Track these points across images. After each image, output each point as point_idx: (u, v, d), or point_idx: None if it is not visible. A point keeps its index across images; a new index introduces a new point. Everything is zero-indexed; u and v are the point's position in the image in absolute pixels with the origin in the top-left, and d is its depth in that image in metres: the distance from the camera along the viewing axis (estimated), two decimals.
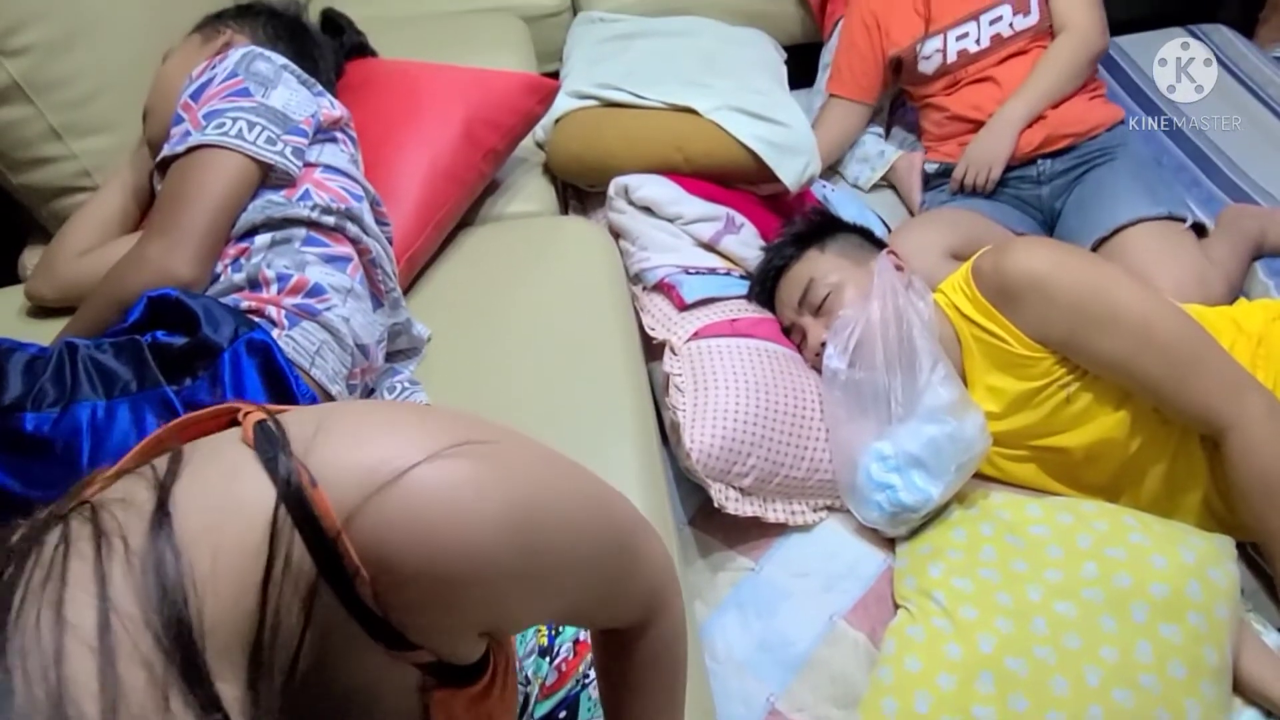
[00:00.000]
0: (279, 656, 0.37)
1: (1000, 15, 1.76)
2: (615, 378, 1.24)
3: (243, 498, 0.38)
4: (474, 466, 0.41)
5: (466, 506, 0.40)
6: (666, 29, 1.91)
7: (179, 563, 0.35)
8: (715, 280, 1.40)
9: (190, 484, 0.38)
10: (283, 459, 0.38)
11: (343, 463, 0.39)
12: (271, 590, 0.37)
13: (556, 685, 0.83)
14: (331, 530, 0.38)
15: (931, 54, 1.81)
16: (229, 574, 0.36)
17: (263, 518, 0.37)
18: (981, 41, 1.78)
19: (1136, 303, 1.19)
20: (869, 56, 1.86)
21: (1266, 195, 1.76)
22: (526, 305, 1.32)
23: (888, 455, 1.20)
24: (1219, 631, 1.09)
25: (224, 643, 0.35)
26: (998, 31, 1.77)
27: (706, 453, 1.18)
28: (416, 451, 0.40)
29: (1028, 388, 1.24)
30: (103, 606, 0.33)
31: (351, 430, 0.41)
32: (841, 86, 1.90)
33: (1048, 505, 1.20)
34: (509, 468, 0.44)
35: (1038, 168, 1.75)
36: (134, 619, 0.34)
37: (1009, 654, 1.07)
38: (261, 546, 0.37)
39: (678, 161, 1.53)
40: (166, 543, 0.35)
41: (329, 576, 0.38)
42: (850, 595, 1.18)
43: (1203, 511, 1.24)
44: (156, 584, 0.34)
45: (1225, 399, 1.15)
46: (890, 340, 1.24)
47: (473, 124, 1.40)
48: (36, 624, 0.32)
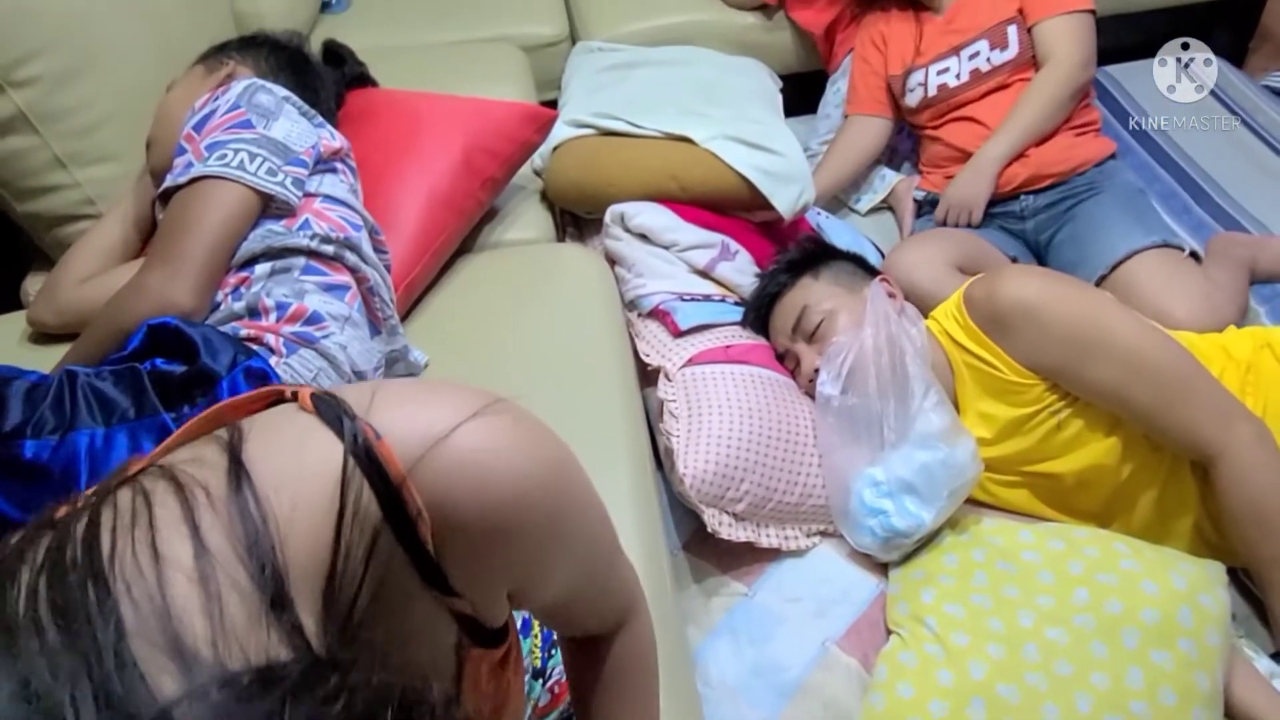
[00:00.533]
0: (345, 595, 0.40)
1: (978, 51, 1.79)
2: (610, 404, 1.25)
3: (313, 452, 0.41)
4: (514, 423, 0.47)
5: (511, 458, 0.45)
6: (663, 59, 1.94)
7: (261, 506, 0.38)
8: (710, 307, 1.41)
9: (258, 445, 0.41)
10: (346, 419, 0.42)
11: (402, 420, 0.43)
12: (343, 533, 0.40)
13: (550, 706, 0.84)
14: (397, 477, 0.41)
15: (915, 87, 1.85)
16: (305, 518, 0.39)
17: (333, 468, 0.40)
18: (961, 76, 1.80)
19: (1127, 331, 1.21)
20: (881, 73, 1.91)
21: (1256, 223, 1.78)
22: (523, 331, 1.33)
23: (880, 481, 1.21)
24: (1210, 658, 1.09)
25: (300, 580, 0.38)
26: (975, 66, 1.80)
27: (700, 478, 1.19)
28: (465, 409, 0.44)
29: (1019, 414, 1.25)
30: (196, 541, 0.36)
31: (404, 396, 0.45)
32: (859, 104, 1.94)
33: (1039, 531, 1.21)
34: (539, 428, 0.49)
35: (1020, 203, 1.77)
36: (226, 555, 0.37)
37: (1000, 680, 1.07)
38: (333, 494, 0.40)
39: (674, 189, 1.55)
40: (248, 489, 0.39)
41: (393, 521, 0.41)
42: (843, 621, 1.19)
43: (1194, 537, 1.25)
44: (243, 525, 0.37)
45: (1215, 426, 1.16)
46: (883, 367, 1.25)
47: (471, 152, 1.42)
48: (134, 558, 0.35)
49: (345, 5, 2.18)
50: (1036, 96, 1.73)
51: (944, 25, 1.85)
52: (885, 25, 1.92)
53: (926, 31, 1.86)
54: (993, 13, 1.80)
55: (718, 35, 2.12)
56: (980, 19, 1.81)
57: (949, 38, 1.82)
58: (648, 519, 1.14)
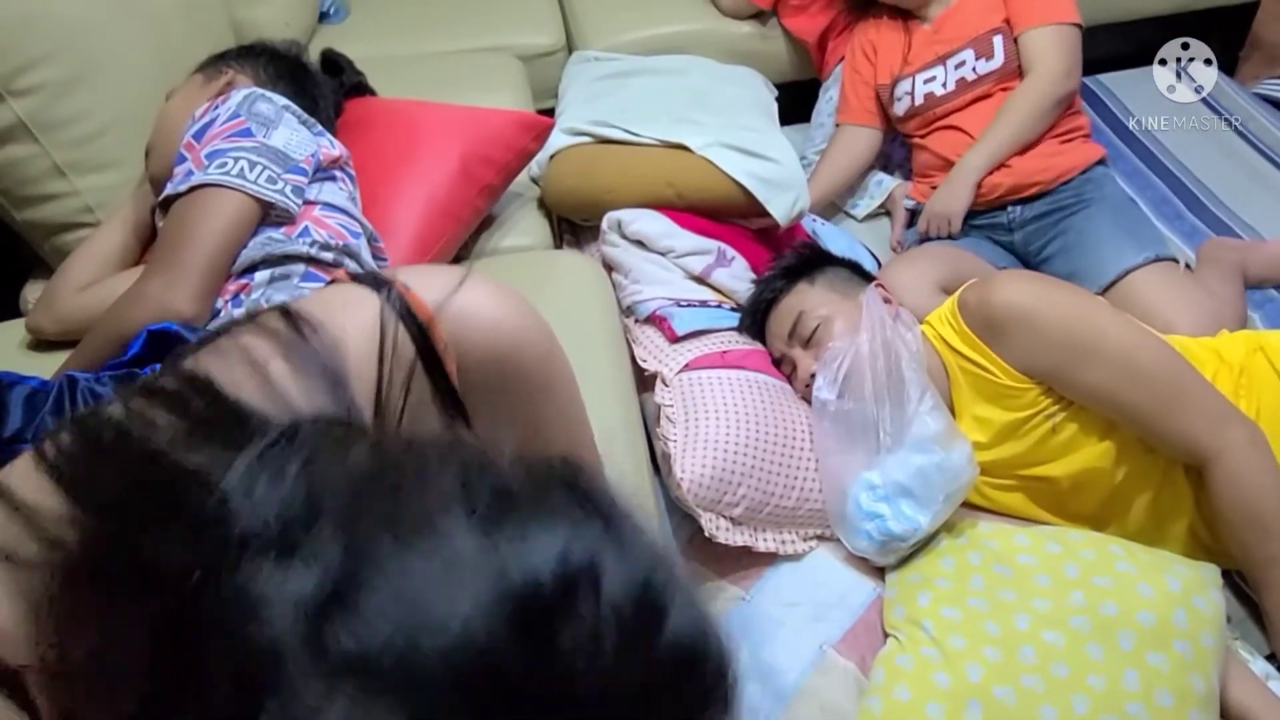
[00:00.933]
0: (390, 417, 0.47)
1: (964, 60, 1.80)
2: (607, 408, 1.26)
3: (354, 302, 0.50)
4: (502, 285, 0.57)
5: (509, 302, 0.56)
6: (659, 67, 1.95)
7: (323, 337, 0.45)
8: (706, 313, 1.42)
9: (308, 304, 0.49)
10: (377, 278, 0.51)
11: (423, 278, 0.53)
12: (384, 365, 0.48)
13: None
14: (425, 317, 0.50)
15: (902, 95, 1.86)
16: (355, 351, 0.47)
17: (373, 312, 0.49)
18: (948, 85, 1.81)
19: (1120, 335, 1.22)
20: (871, 82, 1.92)
21: (1248, 229, 1.80)
22: None
23: (877, 485, 1.22)
24: (1205, 659, 1.10)
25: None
26: (962, 75, 1.80)
27: (697, 482, 1.20)
28: (466, 272, 0.55)
29: (1014, 418, 1.26)
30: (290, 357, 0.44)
31: (421, 268, 0.56)
32: (849, 114, 1.95)
33: (1035, 534, 1.22)
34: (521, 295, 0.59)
35: (1007, 214, 1.77)
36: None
37: (997, 683, 1.08)
38: (374, 332, 0.48)
39: (670, 197, 1.56)
40: (308, 328, 0.46)
41: (423, 356, 0.50)
42: (840, 624, 1.19)
43: (1189, 540, 1.26)
44: (314, 353, 0.45)
45: (1209, 429, 1.17)
46: (879, 372, 1.26)
47: (469, 160, 1.43)
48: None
49: (343, 15, 2.19)
50: (1016, 106, 1.73)
51: (931, 35, 1.85)
52: (875, 34, 1.93)
53: (915, 41, 1.86)
54: (979, 22, 1.81)
55: (713, 44, 2.13)
56: (967, 29, 1.81)
57: (936, 47, 1.83)
58: (647, 525, 1.15)
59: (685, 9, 2.23)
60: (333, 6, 2.17)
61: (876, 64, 1.91)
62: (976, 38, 1.79)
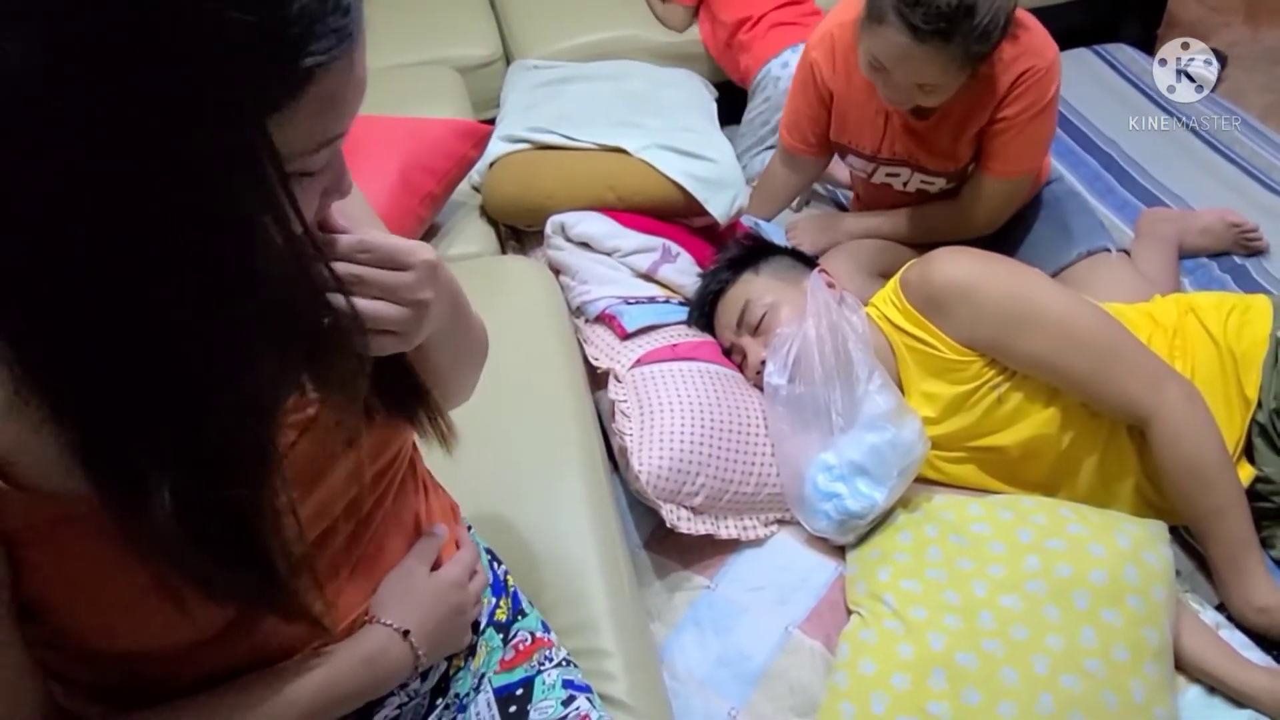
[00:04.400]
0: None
1: (933, 182, 1.66)
2: (561, 408, 1.27)
3: None
4: None
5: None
6: (598, 73, 1.97)
7: None
8: (655, 308, 1.43)
9: None
10: None
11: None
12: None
13: (513, 662, 0.89)
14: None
15: (859, 166, 1.70)
16: None
17: None
18: (909, 187, 1.69)
19: (1057, 303, 1.25)
20: (824, 127, 1.69)
21: (1175, 197, 1.86)
22: None
23: (832, 465, 1.24)
24: (1157, 613, 1.12)
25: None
26: (924, 189, 1.69)
27: (655, 474, 1.21)
28: None
29: (960, 391, 1.28)
30: None
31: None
32: (796, 145, 1.74)
33: (988, 503, 1.24)
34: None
35: None
36: None
37: (959, 649, 1.09)
38: None
39: (611, 200, 1.58)
40: None
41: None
42: (804, 605, 1.20)
43: (1136, 499, 1.29)
44: None
45: (1146, 390, 1.21)
46: (827, 354, 1.28)
47: (408, 170, 1.44)
48: None
49: None
50: (931, 222, 1.67)
51: (911, 139, 1.59)
52: (845, 87, 1.60)
53: (891, 131, 1.60)
54: (962, 153, 1.59)
55: (651, 49, 2.16)
56: (948, 159, 1.60)
57: (912, 153, 1.61)
58: (603, 520, 1.15)
59: (620, 14, 2.26)
60: None
61: (833, 119, 1.67)
62: (955, 171, 1.62)
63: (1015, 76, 1.46)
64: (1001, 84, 1.47)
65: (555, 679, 0.90)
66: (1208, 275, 1.68)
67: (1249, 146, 1.96)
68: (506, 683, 0.87)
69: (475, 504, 1.01)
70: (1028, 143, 1.53)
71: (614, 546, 1.13)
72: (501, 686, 0.87)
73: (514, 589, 0.96)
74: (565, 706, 0.88)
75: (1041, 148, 1.59)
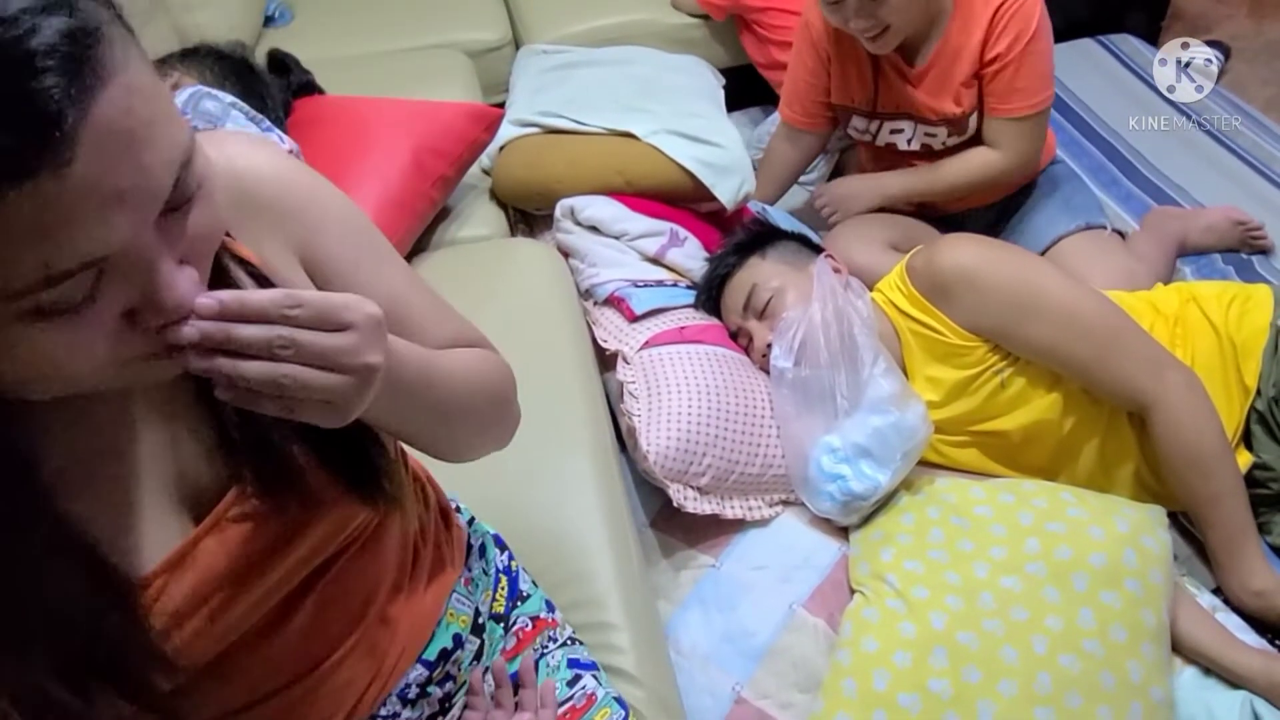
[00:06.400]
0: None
1: (935, 134, 1.65)
2: (571, 389, 1.28)
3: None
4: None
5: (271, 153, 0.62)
6: (606, 58, 1.97)
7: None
8: (663, 292, 1.45)
9: None
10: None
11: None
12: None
13: (516, 650, 0.89)
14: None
15: (861, 129, 1.71)
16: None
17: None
18: (913, 144, 1.68)
19: (1060, 291, 1.27)
20: (824, 94, 1.70)
21: (1181, 191, 1.87)
22: (481, 325, 1.34)
23: (837, 447, 1.25)
24: (1155, 595, 1.15)
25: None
26: (928, 144, 1.67)
27: (663, 454, 1.23)
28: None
29: (964, 376, 1.30)
30: None
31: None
32: (794, 116, 1.76)
33: (990, 486, 1.26)
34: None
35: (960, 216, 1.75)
36: None
37: (960, 629, 1.12)
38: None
39: (619, 184, 1.59)
40: None
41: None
42: (808, 584, 1.22)
43: (1135, 484, 1.31)
44: None
45: (1148, 377, 1.22)
46: (832, 338, 1.29)
47: (421, 153, 1.45)
48: None
49: (289, 19, 2.19)
50: (966, 169, 1.61)
51: (904, 84, 1.60)
52: (835, 47, 1.62)
53: (884, 84, 1.62)
54: (959, 98, 1.57)
55: (659, 34, 2.17)
56: (946, 102, 1.58)
57: (908, 102, 1.61)
58: (612, 499, 1.17)
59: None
60: (277, 10, 2.17)
61: (832, 79, 1.67)
62: (953, 118, 1.60)
63: (994, 10, 1.48)
64: (981, 17, 1.49)
65: (560, 659, 0.90)
66: (1210, 267, 1.70)
67: (1250, 139, 1.97)
68: (510, 671, 0.87)
69: (485, 483, 1.02)
70: (1029, 74, 1.52)
71: (622, 524, 1.15)
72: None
73: (516, 571, 0.96)
74: (570, 687, 0.88)
75: (1045, 77, 1.55)
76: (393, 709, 0.74)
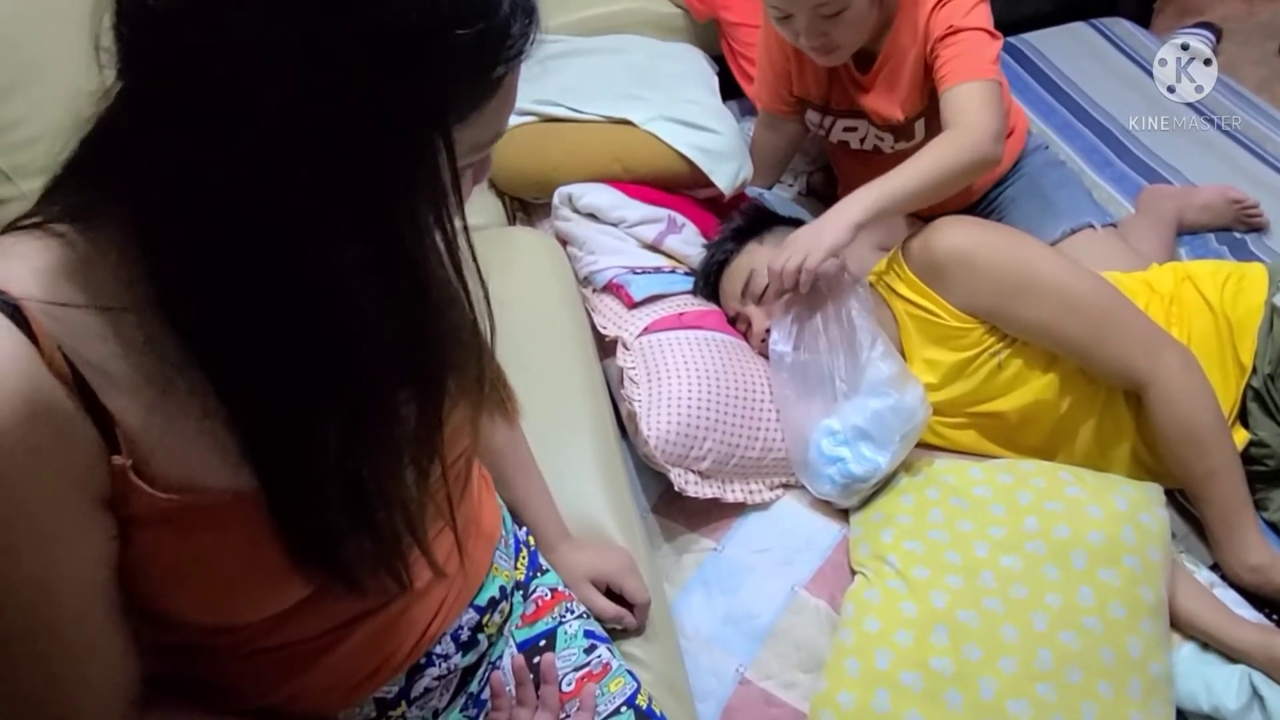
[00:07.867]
0: None
1: (884, 138, 1.60)
2: (571, 376, 1.29)
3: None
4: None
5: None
6: (601, 47, 1.97)
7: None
8: (661, 278, 1.45)
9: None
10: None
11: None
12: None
13: (535, 616, 0.92)
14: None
15: (818, 124, 1.67)
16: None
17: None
18: (865, 144, 1.64)
19: (1055, 271, 1.28)
20: (788, 82, 1.67)
21: (1174, 172, 1.88)
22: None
23: (836, 430, 1.26)
24: (1153, 572, 1.16)
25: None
26: (878, 146, 1.62)
27: (664, 439, 1.23)
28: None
29: (961, 357, 1.31)
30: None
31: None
32: (766, 103, 1.75)
33: (988, 467, 1.27)
34: None
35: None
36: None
37: (961, 607, 1.13)
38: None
39: (617, 171, 1.59)
40: None
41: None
42: (809, 566, 1.23)
43: (1132, 462, 1.32)
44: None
45: (1144, 355, 1.23)
46: (830, 322, 1.30)
47: None
48: None
49: None
50: (934, 158, 1.31)
51: (854, 85, 1.57)
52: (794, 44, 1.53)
53: (836, 85, 1.59)
54: (905, 103, 1.52)
55: (652, 23, 2.16)
56: (894, 108, 1.53)
57: (860, 102, 1.57)
58: (613, 485, 1.18)
59: None
60: None
61: (793, 68, 1.64)
62: (899, 126, 1.55)
63: (930, 8, 1.40)
64: (923, 9, 1.41)
65: (577, 629, 0.93)
66: (1205, 247, 1.71)
67: (1243, 119, 1.98)
68: (529, 636, 0.90)
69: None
70: (974, 42, 1.37)
71: (626, 507, 1.16)
72: (524, 640, 0.90)
73: (534, 548, 0.99)
74: (588, 655, 0.91)
75: (987, 43, 1.39)
76: (446, 649, 0.78)
